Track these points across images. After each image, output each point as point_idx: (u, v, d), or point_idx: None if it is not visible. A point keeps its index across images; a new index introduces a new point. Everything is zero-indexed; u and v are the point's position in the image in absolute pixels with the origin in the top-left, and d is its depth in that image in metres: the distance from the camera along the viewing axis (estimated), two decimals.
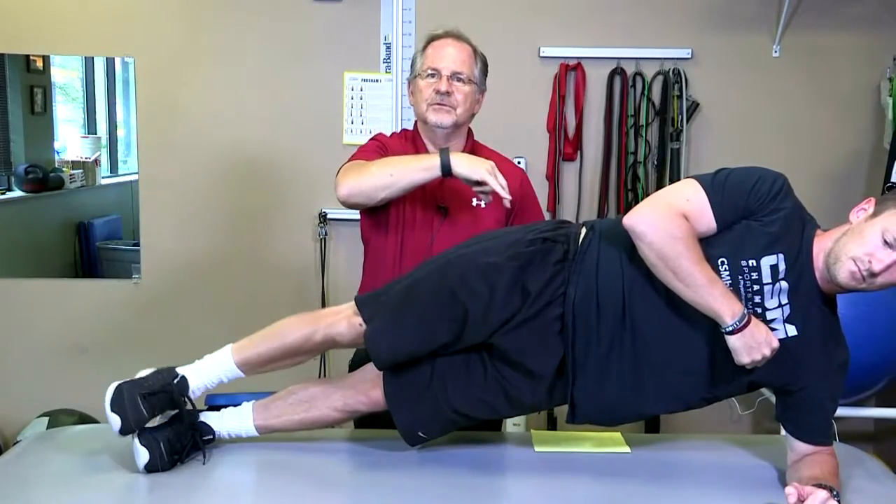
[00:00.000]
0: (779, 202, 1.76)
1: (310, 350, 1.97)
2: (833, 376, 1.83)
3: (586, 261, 1.82)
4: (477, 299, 1.80)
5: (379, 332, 1.85)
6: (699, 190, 1.77)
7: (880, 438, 3.71)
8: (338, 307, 2.00)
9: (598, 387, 1.82)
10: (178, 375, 1.91)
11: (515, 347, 1.83)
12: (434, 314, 1.83)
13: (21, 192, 3.68)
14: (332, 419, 1.97)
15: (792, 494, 1.61)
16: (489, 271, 1.82)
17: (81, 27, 3.56)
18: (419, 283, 1.88)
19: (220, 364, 1.95)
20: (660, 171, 3.63)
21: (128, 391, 1.85)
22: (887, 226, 1.68)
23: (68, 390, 3.59)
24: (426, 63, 2.22)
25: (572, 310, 1.80)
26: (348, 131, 3.63)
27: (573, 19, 3.61)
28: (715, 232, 1.76)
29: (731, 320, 1.68)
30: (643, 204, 1.77)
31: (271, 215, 3.66)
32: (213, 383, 1.95)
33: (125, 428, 1.83)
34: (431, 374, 1.88)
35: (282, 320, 1.99)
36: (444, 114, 2.19)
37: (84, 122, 3.86)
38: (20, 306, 3.68)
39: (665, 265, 1.70)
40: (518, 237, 1.89)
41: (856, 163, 3.62)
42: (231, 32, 3.60)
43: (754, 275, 1.75)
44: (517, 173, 2.32)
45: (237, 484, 1.92)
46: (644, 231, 1.71)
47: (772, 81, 3.61)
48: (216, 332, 3.63)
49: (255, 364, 1.96)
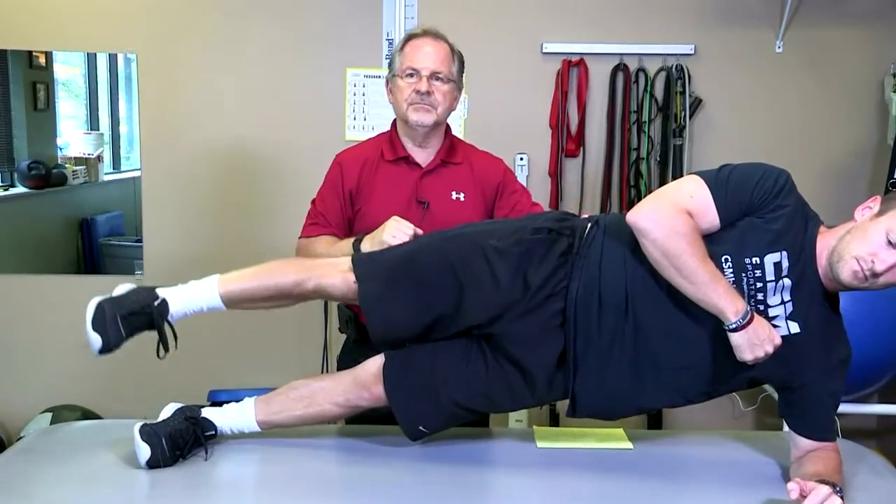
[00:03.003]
0: (782, 199, 1.75)
1: (298, 296, 1.95)
2: (835, 373, 1.83)
3: (590, 256, 1.83)
4: (475, 278, 1.81)
5: (372, 295, 1.85)
6: (703, 186, 1.77)
7: (883, 435, 3.70)
8: (335, 260, 1.99)
9: (599, 380, 1.82)
10: (159, 298, 1.88)
11: (516, 339, 1.83)
12: (430, 285, 1.84)
13: (24, 188, 3.68)
14: (333, 414, 1.97)
15: (794, 490, 1.61)
16: (491, 253, 1.83)
17: (84, 23, 3.56)
18: (418, 253, 1.89)
19: (204, 293, 1.92)
20: (662, 167, 3.62)
21: (108, 310, 1.83)
22: (892, 226, 1.68)
23: (71, 386, 3.60)
24: (405, 62, 2.24)
25: (574, 304, 1.80)
26: (350, 127, 3.63)
27: (576, 15, 3.60)
28: (718, 228, 1.76)
29: (735, 318, 1.67)
30: (647, 200, 1.77)
31: (274, 211, 3.66)
32: (193, 311, 1.92)
33: (104, 348, 1.82)
34: (432, 367, 1.88)
35: (275, 261, 1.98)
36: (424, 113, 2.23)
37: (87, 118, 3.85)
38: (23, 302, 3.68)
39: (668, 262, 1.70)
40: (523, 224, 1.90)
41: (859, 159, 3.61)
42: (233, 28, 3.60)
43: (758, 272, 1.74)
44: (498, 164, 2.38)
45: (239, 479, 1.92)
46: (647, 227, 1.71)
47: (775, 77, 3.61)
48: (217, 330, 3.67)
49: (239, 300, 1.94)
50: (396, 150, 2.30)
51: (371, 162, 2.30)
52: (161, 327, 1.86)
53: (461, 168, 2.31)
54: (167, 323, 1.88)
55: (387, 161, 2.30)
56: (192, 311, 1.93)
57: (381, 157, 2.30)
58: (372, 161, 2.30)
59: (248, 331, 3.67)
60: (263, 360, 3.69)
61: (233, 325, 3.68)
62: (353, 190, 2.29)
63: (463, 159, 2.32)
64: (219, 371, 3.60)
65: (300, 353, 3.63)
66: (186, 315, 1.93)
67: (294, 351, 3.64)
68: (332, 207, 2.30)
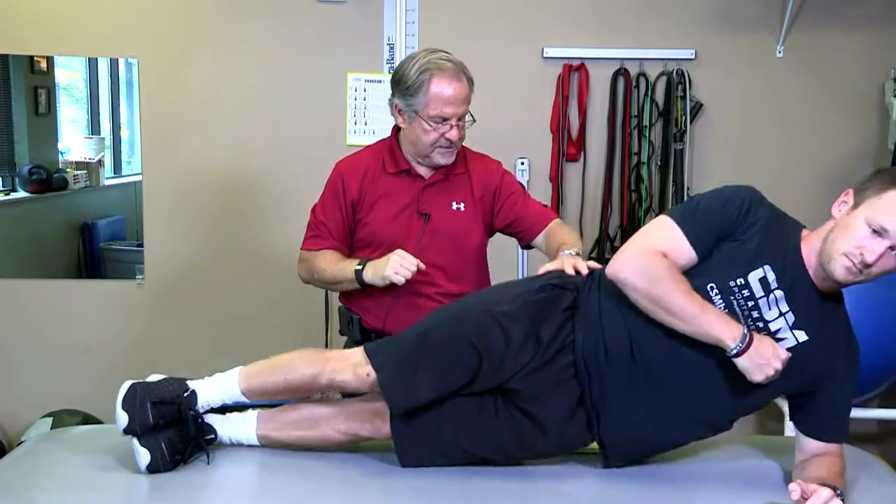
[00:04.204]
0: (752, 216, 1.78)
1: (314, 390, 1.97)
2: (848, 371, 1.84)
3: (589, 308, 1.86)
4: (493, 348, 1.83)
5: (393, 381, 1.85)
6: (671, 225, 1.80)
7: (884, 439, 3.70)
8: (346, 351, 2.01)
9: (624, 424, 1.84)
10: (189, 389, 1.92)
11: (530, 393, 1.85)
12: (449, 362, 1.85)
13: (25, 192, 3.68)
14: (333, 441, 1.96)
15: (795, 491, 1.62)
16: (503, 320, 1.85)
17: (85, 28, 3.56)
18: (432, 331, 1.89)
19: (228, 387, 1.95)
20: (663, 171, 3.63)
21: (140, 393, 1.86)
22: (870, 215, 1.69)
23: (72, 390, 3.59)
24: (431, 108, 2.18)
25: (582, 355, 1.83)
26: (351, 132, 3.63)
27: (577, 20, 3.61)
28: (697, 261, 1.79)
29: (734, 343, 1.69)
30: (621, 251, 1.81)
31: (275, 216, 3.66)
32: (217, 404, 1.96)
33: (129, 428, 1.84)
34: (440, 412, 1.88)
35: (291, 353, 2.00)
36: (451, 155, 2.25)
37: (88, 122, 3.86)
38: (24, 307, 3.68)
39: (656, 306, 1.74)
40: (527, 287, 1.94)
41: (860, 163, 3.60)
42: (234, 33, 3.60)
43: (745, 292, 1.76)
44: (494, 167, 2.38)
45: (240, 484, 1.92)
46: (627, 278, 1.76)
47: (775, 82, 3.61)
48: (219, 333, 3.67)
49: (260, 394, 1.97)
50: (398, 162, 2.29)
51: (372, 172, 2.29)
52: (188, 419, 1.88)
53: (461, 178, 2.31)
54: (194, 413, 1.90)
55: (388, 173, 2.29)
56: (216, 403, 1.95)
57: (382, 168, 2.30)
58: (373, 171, 2.29)
59: (249, 332, 3.67)
60: None
61: (233, 326, 3.69)
62: (354, 200, 2.28)
63: (463, 169, 2.32)
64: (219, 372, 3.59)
65: None
66: (212, 406, 1.95)
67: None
68: (333, 217, 2.30)
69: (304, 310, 3.67)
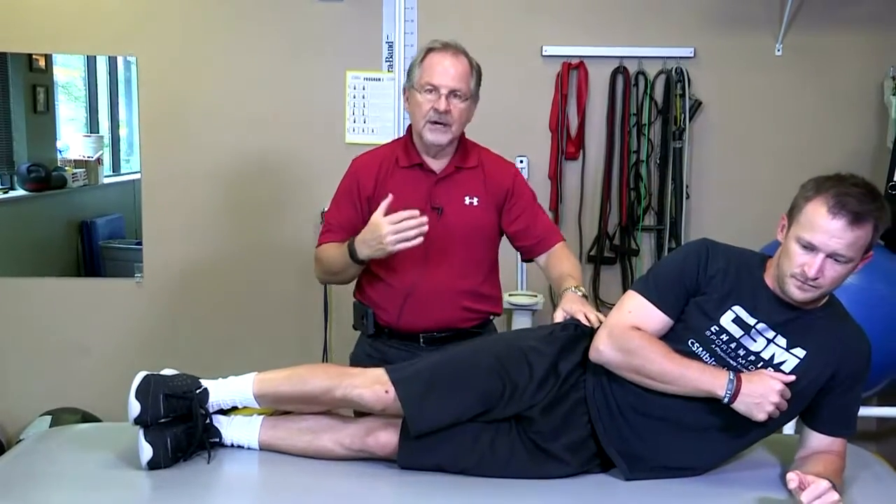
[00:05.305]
0: (710, 270, 1.85)
1: (327, 403, 1.97)
2: (858, 367, 1.86)
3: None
4: (519, 378, 1.89)
5: (413, 401, 1.86)
6: (637, 297, 1.89)
7: (883, 438, 3.70)
8: (365, 369, 1.99)
9: (645, 447, 1.88)
10: (202, 387, 1.93)
11: (545, 426, 1.89)
12: (470, 389, 1.88)
13: (23, 191, 3.68)
14: (334, 454, 1.95)
15: (793, 480, 1.66)
16: (531, 353, 1.92)
17: (84, 26, 3.56)
18: (454, 360, 1.94)
19: (241, 390, 1.96)
20: (662, 170, 3.63)
21: (154, 385, 1.88)
22: (797, 233, 1.76)
23: (71, 389, 3.60)
24: (424, 77, 2.21)
25: (593, 394, 1.90)
26: (350, 130, 3.63)
27: (576, 18, 3.61)
28: (672, 323, 1.86)
29: (723, 392, 1.75)
30: (597, 336, 1.89)
31: (273, 214, 3.66)
32: (228, 405, 1.97)
33: (140, 419, 1.85)
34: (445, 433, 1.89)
35: (310, 365, 2.04)
36: (440, 133, 2.22)
37: (86, 121, 3.86)
38: (23, 305, 3.68)
39: (641, 375, 1.82)
40: (554, 327, 2.02)
41: (858, 162, 3.60)
42: (233, 31, 3.60)
43: (724, 336, 1.83)
44: (508, 169, 2.38)
45: (241, 483, 1.92)
46: (608, 359, 1.85)
47: (774, 80, 3.61)
48: (218, 332, 3.67)
49: (272, 401, 1.98)
50: (411, 157, 2.29)
51: (386, 166, 2.30)
52: (197, 415, 1.89)
53: (474, 172, 2.31)
54: (204, 411, 1.92)
55: (401, 167, 2.29)
56: (227, 404, 1.97)
57: (395, 163, 2.30)
58: (387, 165, 2.30)
59: (249, 331, 3.68)
60: (264, 360, 3.66)
61: (233, 325, 3.69)
62: (370, 195, 2.27)
63: (476, 162, 2.31)
64: (219, 372, 3.58)
65: (301, 352, 3.62)
66: (221, 407, 1.96)
67: (295, 351, 3.63)
68: (346, 214, 2.30)
69: (303, 307, 3.68)
